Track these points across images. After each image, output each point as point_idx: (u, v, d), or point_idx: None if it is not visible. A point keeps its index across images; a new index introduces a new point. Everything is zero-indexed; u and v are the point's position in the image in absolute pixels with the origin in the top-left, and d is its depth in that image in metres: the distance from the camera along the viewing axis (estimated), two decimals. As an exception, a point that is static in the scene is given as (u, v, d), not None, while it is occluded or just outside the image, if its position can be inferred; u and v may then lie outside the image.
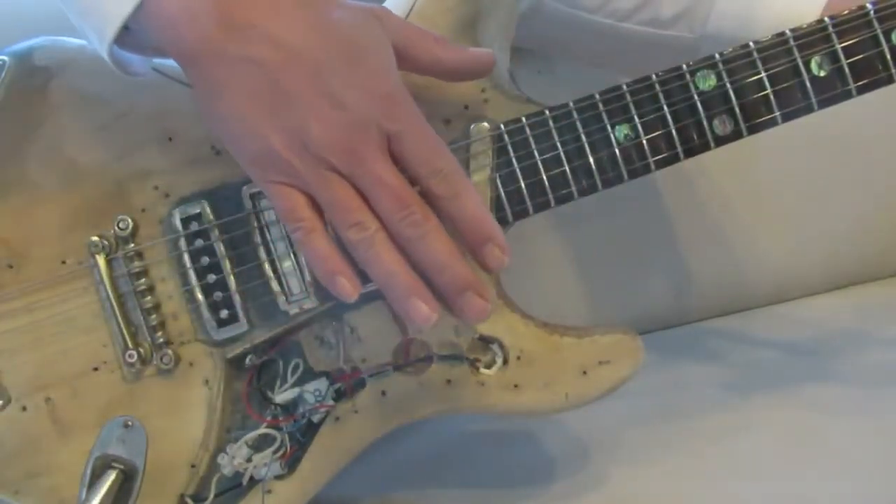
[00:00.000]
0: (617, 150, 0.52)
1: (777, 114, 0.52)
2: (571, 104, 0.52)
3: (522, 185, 0.52)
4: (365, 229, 0.44)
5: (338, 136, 0.43)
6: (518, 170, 0.52)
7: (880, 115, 0.82)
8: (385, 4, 0.53)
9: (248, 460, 0.52)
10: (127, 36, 0.46)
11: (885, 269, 0.88)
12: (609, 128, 0.52)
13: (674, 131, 0.52)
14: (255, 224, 0.52)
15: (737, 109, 0.52)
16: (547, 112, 0.52)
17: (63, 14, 0.48)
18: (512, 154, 0.52)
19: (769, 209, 0.85)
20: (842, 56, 0.52)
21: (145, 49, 0.48)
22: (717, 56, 0.52)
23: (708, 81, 0.52)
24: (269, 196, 0.47)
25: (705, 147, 0.52)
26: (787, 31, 0.52)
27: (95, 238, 0.52)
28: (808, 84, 0.52)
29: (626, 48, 0.67)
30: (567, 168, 0.52)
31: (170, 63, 0.50)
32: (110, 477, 0.51)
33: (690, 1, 0.63)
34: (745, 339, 0.79)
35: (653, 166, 0.52)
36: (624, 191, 0.54)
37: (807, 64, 0.52)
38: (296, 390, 0.53)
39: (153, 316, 0.52)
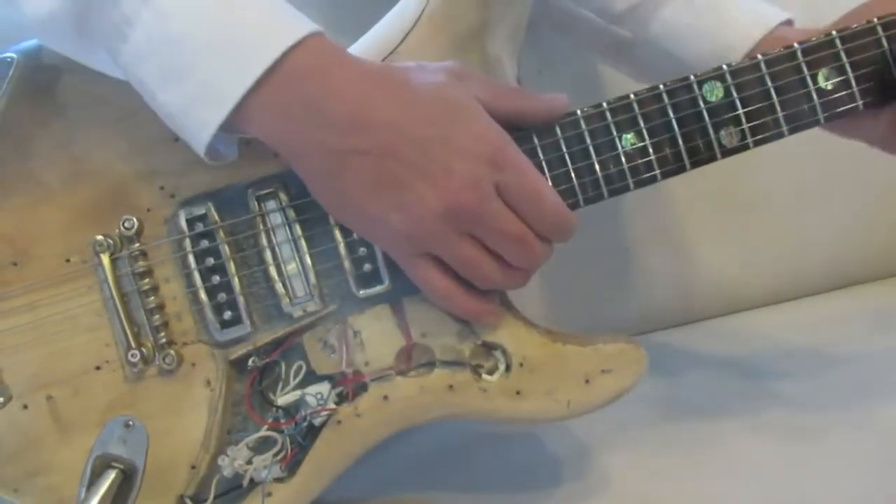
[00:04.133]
0: (624, 160, 0.52)
1: (784, 127, 0.52)
2: (579, 113, 0.52)
3: (529, 192, 0.52)
4: (492, 280, 0.49)
5: (453, 202, 0.46)
6: (524, 177, 0.52)
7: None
8: (393, 11, 0.53)
9: (249, 462, 0.52)
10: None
11: (885, 270, 0.88)
12: (616, 137, 0.52)
13: (681, 142, 0.52)
14: (261, 226, 0.52)
15: (744, 122, 0.52)
16: (554, 120, 0.52)
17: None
18: (519, 161, 0.52)
19: (769, 209, 0.85)
20: (849, 70, 0.52)
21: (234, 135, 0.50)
22: (724, 67, 0.52)
23: (715, 93, 0.52)
24: (406, 270, 0.50)
25: (712, 158, 0.52)
26: (796, 45, 0.52)
27: (100, 237, 0.52)
28: (815, 97, 0.52)
29: (565, 32, 0.70)
30: (573, 177, 0.52)
31: None
32: (110, 476, 0.51)
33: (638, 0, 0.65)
34: (745, 340, 0.79)
35: (659, 177, 0.52)
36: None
37: (814, 77, 0.52)
38: (297, 393, 0.53)
39: (156, 316, 0.52)
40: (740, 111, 0.52)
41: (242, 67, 0.44)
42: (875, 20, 0.53)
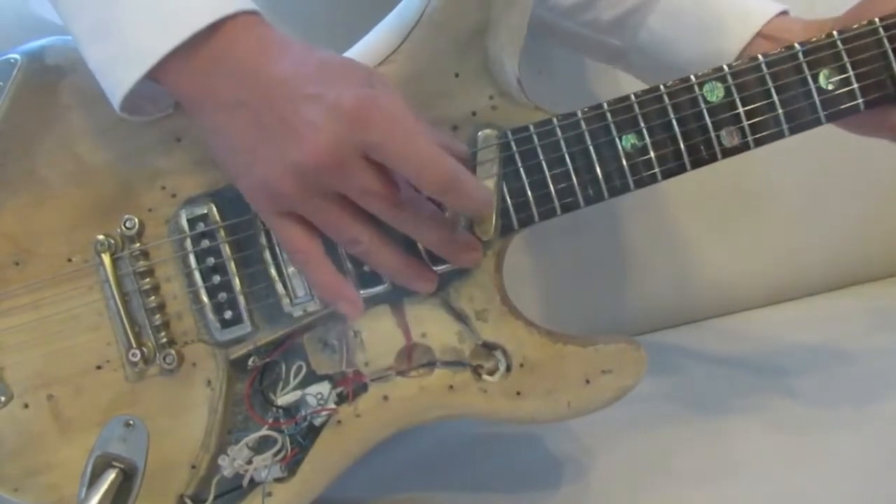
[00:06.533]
0: (624, 160, 0.52)
1: (785, 127, 0.52)
2: (579, 113, 0.52)
3: (529, 192, 0.52)
4: (359, 243, 0.47)
5: (305, 159, 0.44)
6: (525, 177, 0.52)
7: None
8: (394, 12, 0.53)
9: (249, 462, 0.52)
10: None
11: (885, 270, 0.88)
12: (617, 138, 0.52)
13: (681, 142, 0.52)
14: (262, 226, 0.52)
15: (744, 122, 0.52)
16: (555, 120, 0.52)
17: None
18: (519, 161, 0.52)
19: (769, 209, 0.85)
20: (850, 70, 0.52)
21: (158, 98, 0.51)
22: (725, 68, 0.52)
23: (716, 93, 0.52)
24: (269, 226, 0.50)
25: (713, 158, 0.52)
26: (797, 45, 0.52)
27: (102, 237, 0.52)
28: (815, 97, 0.52)
29: (559, 42, 0.70)
30: (574, 177, 0.52)
31: None
32: (110, 476, 0.51)
33: (627, 9, 0.65)
34: (745, 339, 0.79)
35: (659, 176, 0.52)
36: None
37: (815, 77, 0.52)
38: (298, 393, 0.53)
39: (157, 315, 0.52)
40: (741, 111, 0.52)
41: (165, 33, 0.45)
42: (877, 20, 0.53)
